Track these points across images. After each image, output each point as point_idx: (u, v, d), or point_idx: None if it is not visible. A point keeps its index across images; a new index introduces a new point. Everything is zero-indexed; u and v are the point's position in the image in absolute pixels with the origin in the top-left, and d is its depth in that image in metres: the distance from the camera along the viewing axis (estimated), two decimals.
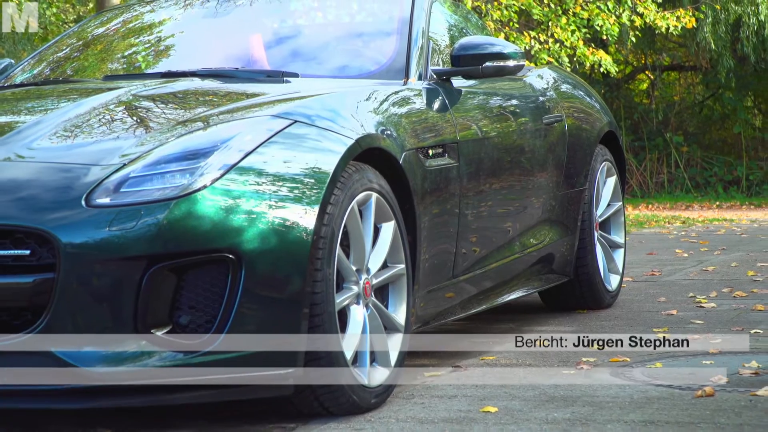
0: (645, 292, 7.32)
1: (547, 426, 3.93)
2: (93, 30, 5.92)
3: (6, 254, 3.62)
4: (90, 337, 3.59)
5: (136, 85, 4.73)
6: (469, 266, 5.14)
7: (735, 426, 3.85)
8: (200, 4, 5.95)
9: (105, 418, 4.20)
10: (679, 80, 25.55)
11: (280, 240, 3.77)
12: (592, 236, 6.44)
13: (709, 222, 14.77)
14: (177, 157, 3.80)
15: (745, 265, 8.92)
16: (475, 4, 14.64)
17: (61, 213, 3.63)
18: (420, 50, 5.22)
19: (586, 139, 6.42)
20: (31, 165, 3.86)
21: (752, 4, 19.35)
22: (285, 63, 5.20)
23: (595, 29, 15.23)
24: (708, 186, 22.01)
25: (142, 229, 3.61)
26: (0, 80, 5.58)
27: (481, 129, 5.26)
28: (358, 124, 4.27)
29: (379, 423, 4.03)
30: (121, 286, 3.60)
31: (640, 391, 4.43)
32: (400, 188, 4.45)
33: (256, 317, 3.73)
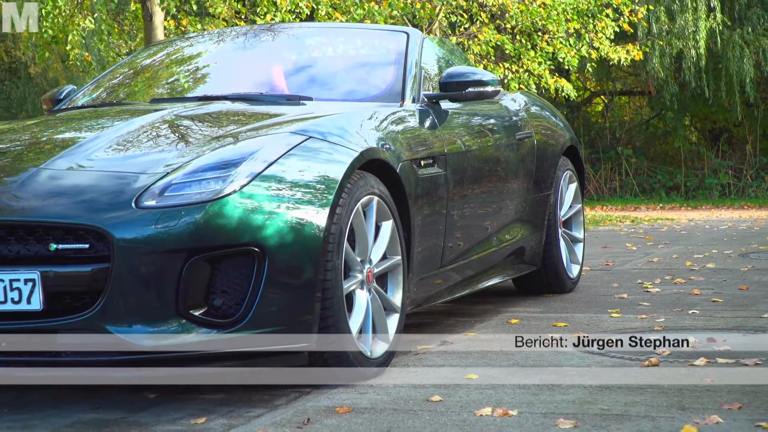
0: (601, 279, 7.32)
1: (519, 390, 3.92)
2: (141, 61, 5.92)
3: (69, 248, 3.62)
4: (139, 316, 3.59)
5: (178, 106, 4.73)
6: (455, 258, 5.14)
7: (676, 390, 3.85)
8: (231, 40, 5.96)
9: (150, 384, 4.19)
10: (629, 103, 25.56)
11: (297, 236, 3.77)
12: (557, 233, 6.43)
13: (654, 221, 14.76)
14: (211, 166, 3.79)
15: (684, 256, 8.92)
16: (459, 40, 14.64)
17: (115, 213, 3.63)
18: (414, 78, 5.22)
19: (551, 152, 6.41)
20: (90, 173, 3.85)
21: (692, 40, 19.38)
22: (301, 89, 5.19)
23: (559, 61, 15.23)
24: (653, 191, 22.02)
25: (183, 226, 3.61)
26: (64, 103, 5.58)
27: (465, 143, 5.26)
28: (362, 139, 4.27)
29: (379, 387, 4.03)
30: (164, 274, 3.59)
31: (597, 362, 4.43)
32: (397, 193, 4.46)
33: (277, 300, 3.73)
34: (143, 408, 3.84)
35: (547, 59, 15.15)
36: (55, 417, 3.74)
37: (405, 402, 3.79)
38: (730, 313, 5.67)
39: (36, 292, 3.58)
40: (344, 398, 3.87)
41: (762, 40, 19.74)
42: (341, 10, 12.57)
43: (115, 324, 3.58)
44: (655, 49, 19.50)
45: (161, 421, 3.63)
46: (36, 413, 3.81)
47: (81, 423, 3.64)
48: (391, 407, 3.71)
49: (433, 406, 3.72)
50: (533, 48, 15.15)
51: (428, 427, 3.44)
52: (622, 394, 3.81)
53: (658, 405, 3.64)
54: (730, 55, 19.73)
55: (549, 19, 14.44)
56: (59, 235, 3.63)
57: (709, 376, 4.07)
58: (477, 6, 14.72)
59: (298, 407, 3.76)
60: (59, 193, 3.74)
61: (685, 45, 19.45)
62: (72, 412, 3.80)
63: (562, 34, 14.90)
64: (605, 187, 22.29)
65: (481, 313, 5.90)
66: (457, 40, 14.62)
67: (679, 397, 3.75)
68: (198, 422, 3.59)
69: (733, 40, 19.71)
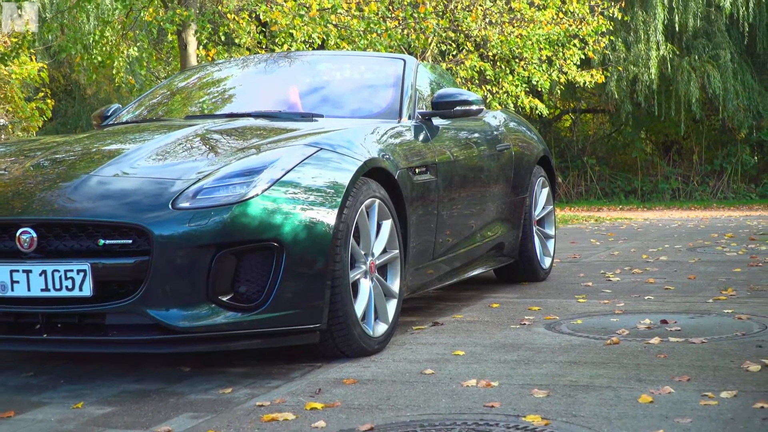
0: (569, 270, 7.31)
1: (500, 364, 3.92)
2: (177, 83, 5.91)
3: (116, 243, 3.61)
4: (174, 301, 3.58)
5: (208, 122, 4.73)
6: (444, 251, 5.13)
7: (634, 365, 3.84)
8: (254, 65, 5.95)
9: (185, 360, 4.19)
10: (593, 119, 25.53)
11: (310, 233, 3.76)
12: (532, 230, 6.42)
13: (614, 220, 14.75)
14: (237, 173, 3.78)
15: (640, 250, 8.91)
16: (448, 65, 14.63)
17: (155, 213, 3.62)
18: (410, 98, 5.21)
19: (527, 162, 6.40)
20: (133, 179, 3.84)
21: (645, 66, 19.41)
22: (314, 107, 5.18)
23: (533, 83, 15.22)
24: (613, 194, 22.00)
25: (212, 225, 3.60)
26: (111, 119, 5.57)
27: (453, 154, 5.25)
28: (366, 150, 4.26)
29: (380, 362, 4.02)
30: (196, 265, 3.58)
31: (566, 340, 4.42)
32: (395, 196, 4.45)
33: (293, 287, 3.72)
34: (179, 380, 3.83)
35: (523, 82, 15.14)
36: (104, 387, 3.73)
37: (402, 374, 3.78)
38: (680, 298, 5.67)
39: (87, 280, 3.57)
40: (350, 371, 3.86)
41: (707, 66, 19.75)
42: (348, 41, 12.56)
43: (154, 308, 3.57)
44: (613, 74, 19.54)
45: (195, 391, 3.63)
46: (87, 384, 3.80)
47: (126, 392, 3.64)
48: (390, 379, 3.71)
49: (426, 378, 3.71)
50: (511, 73, 15.14)
51: (422, 395, 3.43)
52: (587, 368, 3.80)
53: (619, 377, 3.63)
54: (679, 78, 19.75)
55: (525, 48, 14.42)
56: (107, 232, 3.62)
57: (663, 352, 4.06)
58: (463, 37, 14.71)
59: (311, 379, 3.75)
60: (107, 196, 3.73)
61: (639, 71, 19.50)
62: (118, 383, 3.79)
63: (535, 61, 14.89)
64: (573, 191, 22.28)
65: (467, 298, 5.89)
66: (447, 65, 14.60)
67: (636, 370, 3.74)
68: (225, 392, 3.59)
69: (682, 66, 19.73)
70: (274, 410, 3.29)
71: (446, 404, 3.30)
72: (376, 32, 12.26)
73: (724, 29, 20.03)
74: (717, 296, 5.70)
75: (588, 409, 3.19)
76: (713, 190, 21.35)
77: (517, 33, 14.31)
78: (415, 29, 12.93)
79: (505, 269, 6.48)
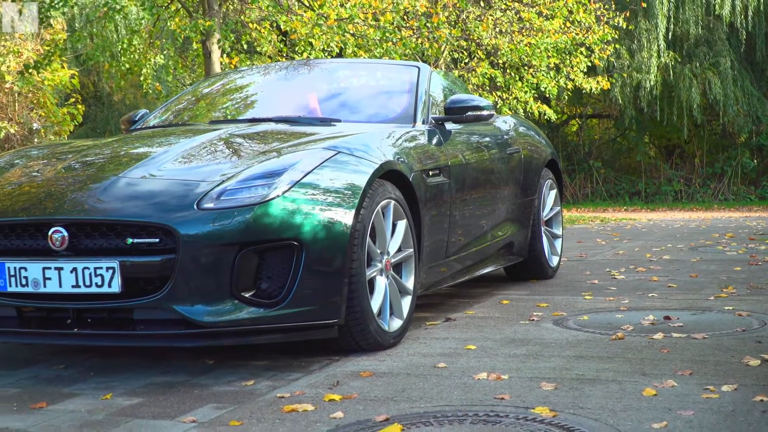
0: (576, 268, 7.29)
1: (510, 358, 3.91)
2: (202, 90, 5.92)
3: (143, 241, 3.62)
4: (199, 297, 3.58)
5: (232, 127, 4.73)
6: (456, 250, 5.12)
7: (638, 360, 3.83)
8: (274, 72, 5.96)
9: (209, 353, 4.19)
10: (598, 124, 25.47)
11: (329, 232, 3.76)
12: (540, 230, 6.41)
13: (619, 220, 14.71)
14: (259, 175, 3.78)
15: (644, 250, 8.88)
16: (460, 73, 14.61)
17: (180, 214, 3.62)
18: (423, 104, 5.20)
19: (535, 165, 6.39)
20: (160, 181, 3.85)
21: (647, 73, 19.37)
22: (332, 112, 5.18)
23: (541, 90, 15.20)
24: (618, 196, 21.94)
25: (235, 224, 3.60)
26: (139, 124, 5.59)
27: (465, 157, 5.25)
28: (382, 153, 4.25)
29: (395, 356, 4.02)
30: (220, 263, 3.59)
31: (573, 336, 4.41)
32: (409, 197, 4.44)
33: (312, 284, 3.72)
34: (203, 372, 3.83)
35: (532, 89, 15.12)
36: (132, 379, 3.74)
37: (416, 368, 3.77)
38: (682, 296, 5.64)
39: (116, 277, 3.58)
40: (367, 364, 3.86)
41: (707, 73, 19.69)
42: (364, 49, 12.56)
43: (180, 304, 3.57)
44: (617, 80, 19.51)
45: (218, 383, 3.63)
46: (116, 376, 3.81)
47: (153, 384, 3.64)
48: (405, 372, 3.70)
49: (439, 371, 3.71)
50: (520, 79, 15.12)
51: (435, 388, 3.43)
52: (594, 363, 3.79)
53: (624, 371, 3.62)
54: (681, 85, 19.69)
55: (533, 56, 14.39)
56: (134, 231, 3.63)
57: (666, 347, 4.05)
58: (475, 45, 14.69)
59: (329, 372, 3.75)
60: (134, 197, 3.74)
61: (642, 77, 19.46)
62: (146, 376, 3.80)
63: (544, 68, 14.86)
64: (579, 193, 22.22)
65: (479, 295, 5.88)
66: (459, 73, 14.58)
67: (641, 365, 3.73)
68: (248, 384, 3.59)
69: (683, 73, 19.68)
70: (294, 401, 3.29)
71: (458, 396, 3.30)
72: (392, 41, 12.25)
73: (724, 37, 19.97)
74: (718, 294, 5.67)
75: (594, 401, 3.18)
76: (714, 192, 21.27)
77: (526, 42, 14.28)
78: (429, 38, 12.91)
79: (514, 267, 6.47)
